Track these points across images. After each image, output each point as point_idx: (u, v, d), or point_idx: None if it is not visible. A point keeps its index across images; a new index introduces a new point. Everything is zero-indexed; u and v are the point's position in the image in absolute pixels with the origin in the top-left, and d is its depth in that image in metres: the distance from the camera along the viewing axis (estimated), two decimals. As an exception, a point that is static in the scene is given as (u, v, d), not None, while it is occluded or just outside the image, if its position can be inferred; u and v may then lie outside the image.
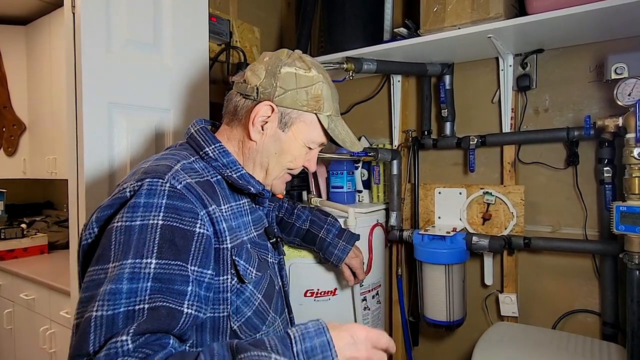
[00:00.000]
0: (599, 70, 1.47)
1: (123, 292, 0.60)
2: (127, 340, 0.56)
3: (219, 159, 0.82)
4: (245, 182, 0.83)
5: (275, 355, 0.59)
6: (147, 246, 0.64)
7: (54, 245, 2.56)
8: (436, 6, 1.47)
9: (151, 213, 0.67)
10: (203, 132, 0.85)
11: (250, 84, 0.84)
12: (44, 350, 1.99)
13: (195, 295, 0.66)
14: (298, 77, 0.83)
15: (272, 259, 0.90)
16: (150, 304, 0.61)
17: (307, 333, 0.63)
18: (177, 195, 0.70)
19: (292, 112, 0.84)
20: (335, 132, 0.88)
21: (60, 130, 2.32)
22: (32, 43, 2.56)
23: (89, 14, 1.20)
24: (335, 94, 0.90)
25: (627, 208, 1.20)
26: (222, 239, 0.75)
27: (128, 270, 0.62)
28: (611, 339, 1.42)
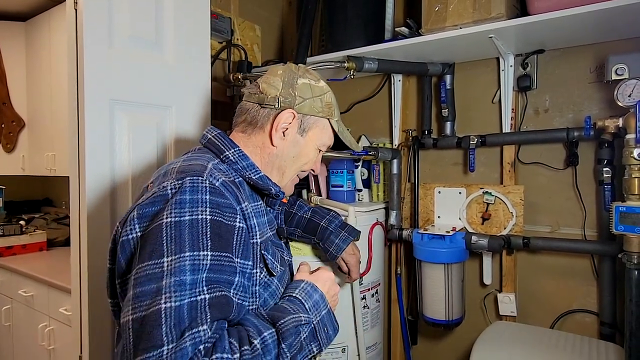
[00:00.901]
0: (599, 71, 1.47)
1: (187, 284, 0.64)
2: (206, 329, 0.63)
3: (239, 162, 0.87)
4: (265, 183, 0.88)
5: (300, 314, 0.77)
6: (201, 240, 0.68)
7: (53, 243, 2.55)
8: (438, 6, 1.48)
9: (198, 208, 0.70)
10: (221, 137, 0.90)
11: (269, 94, 0.91)
12: (43, 347, 1.99)
13: (241, 285, 0.73)
14: (312, 88, 0.93)
15: (287, 257, 0.95)
16: (210, 294, 0.66)
17: (307, 292, 0.84)
18: (217, 192, 0.73)
19: (310, 119, 0.93)
20: (343, 134, 0.98)
21: (60, 127, 2.32)
22: (31, 39, 2.55)
23: (91, 11, 1.20)
24: (337, 102, 1.00)
25: (627, 208, 1.21)
26: (253, 233, 0.79)
27: (189, 262, 0.65)
28: (609, 338, 1.43)
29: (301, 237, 1.28)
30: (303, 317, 0.77)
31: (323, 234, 1.24)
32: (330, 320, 0.84)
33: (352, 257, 1.26)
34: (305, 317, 0.77)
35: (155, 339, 0.60)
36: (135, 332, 0.61)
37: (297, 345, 0.73)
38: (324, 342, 0.80)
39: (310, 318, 0.79)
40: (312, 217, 1.26)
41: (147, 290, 0.64)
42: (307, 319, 0.77)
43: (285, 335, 0.71)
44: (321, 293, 0.85)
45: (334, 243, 1.23)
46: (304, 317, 0.77)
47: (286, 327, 0.72)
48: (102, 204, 1.25)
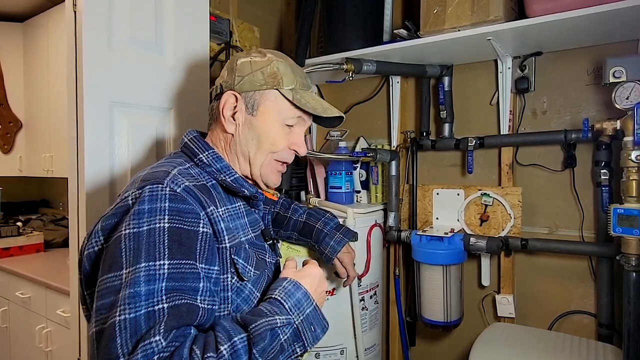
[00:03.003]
0: (596, 74, 1.48)
1: (142, 295, 0.63)
2: (160, 340, 0.61)
3: (213, 165, 0.86)
4: (239, 185, 0.86)
5: (277, 316, 0.72)
6: (157, 249, 0.67)
7: (50, 244, 2.54)
8: (436, 8, 1.48)
9: (156, 217, 0.69)
10: (196, 140, 0.89)
11: (216, 86, 0.91)
12: (40, 349, 1.98)
13: (207, 290, 0.71)
14: (253, 63, 0.88)
15: (269, 259, 0.91)
16: (169, 303, 0.64)
17: (288, 292, 0.78)
18: (178, 198, 0.72)
19: (254, 94, 0.87)
20: (302, 101, 0.87)
21: (57, 128, 2.31)
22: (29, 40, 2.54)
23: (91, 12, 1.19)
24: (299, 71, 0.91)
25: (625, 210, 1.21)
26: (221, 238, 0.78)
27: (144, 273, 0.65)
28: (607, 340, 1.43)
29: (298, 240, 1.27)
30: (280, 319, 0.71)
31: (318, 236, 1.22)
32: (317, 318, 0.79)
33: (347, 255, 1.24)
34: (284, 319, 0.72)
35: (111, 352, 0.60)
36: (95, 346, 0.63)
37: (275, 349, 0.70)
38: (310, 341, 0.76)
39: (290, 319, 0.74)
40: (307, 219, 1.24)
41: (106, 303, 0.64)
42: (286, 320, 0.73)
43: (257, 339, 0.67)
44: (305, 291, 0.79)
45: (329, 245, 1.21)
46: (281, 319, 0.72)
47: (258, 331, 0.67)
48: (101, 206, 1.25)
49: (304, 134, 0.93)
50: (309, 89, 0.93)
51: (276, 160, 0.91)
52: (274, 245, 0.98)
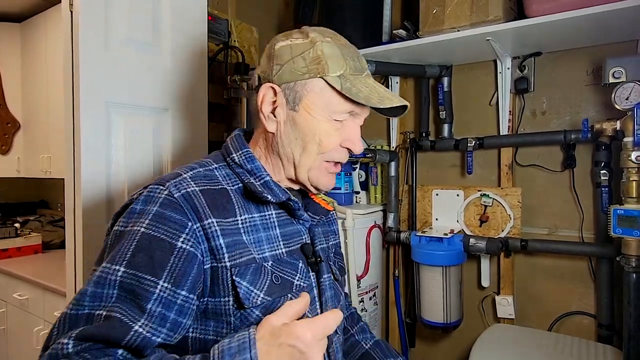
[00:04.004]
0: (596, 74, 1.48)
1: (87, 295, 0.60)
2: (68, 343, 0.56)
3: (244, 165, 0.75)
4: (264, 190, 0.73)
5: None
6: (121, 252, 0.62)
7: (48, 245, 2.53)
8: (435, 8, 1.48)
9: (140, 220, 0.65)
10: (236, 138, 0.80)
11: (253, 77, 0.79)
12: (38, 350, 1.96)
13: (155, 315, 0.60)
14: (293, 47, 0.73)
15: (300, 281, 0.74)
16: (108, 312, 0.59)
17: (228, 349, 0.55)
18: (170, 204, 0.66)
19: (295, 85, 0.73)
20: (352, 90, 0.71)
21: (55, 128, 2.30)
22: (27, 41, 2.54)
23: (87, 12, 1.19)
24: (350, 51, 0.75)
25: (625, 211, 1.21)
26: (220, 256, 0.66)
27: (97, 274, 0.61)
28: (607, 341, 1.43)
29: None
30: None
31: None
32: None
33: None
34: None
35: (47, 340, 0.60)
36: None
37: None
38: None
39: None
40: (371, 349, 0.95)
41: None
42: None
43: None
44: (252, 358, 0.53)
45: None
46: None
47: None
48: (98, 207, 1.24)
49: (359, 128, 0.77)
50: (363, 73, 0.75)
51: (327, 161, 0.76)
52: (317, 264, 0.79)
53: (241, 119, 1.82)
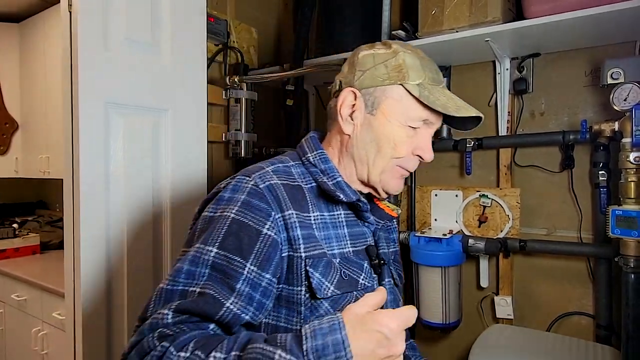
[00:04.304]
0: (594, 75, 1.48)
1: (182, 272, 0.66)
2: (167, 314, 0.61)
3: (318, 165, 0.80)
4: (337, 189, 0.77)
5: (280, 351, 0.54)
6: (213, 235, 0.68)
7: (47, 246, 2.52)
8: (434, 9, 1.48)
9: (229, 206, 0.71)
10: (311, 139, 0.85)
11: (334, 82, 0.85)
12: (36, 352, 1.96)
13: (244, 295, 0.66)
14: (375, 56, 0.78)
15: (365, 280, 0.77)
16: (201, 289, 0.64)
17: (319, 329, 0.56)
18: (256, 194, 0.71)
19: (375, 91, 0.77)
20: (430, 98, 0.74)
21: (54, 129, 2.30)
22: (25, 41, 2.53)
23: (86, 13, 1.19)
24: (429, 64, 0.79)
25: (623, 212, 1.21)
26: (296, 246, 0.71)
27: (192, 253, 0.67)
28: (605, 341, 1.43)
29: None
30: (278, 353, 0.54)
31: None
32: None
33: None
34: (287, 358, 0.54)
35: (143, 312, 0.65)
36: None
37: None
38: None
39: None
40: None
41: None
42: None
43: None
44: (342, 338, 0.55)
45: None
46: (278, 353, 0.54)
47: (249, 355, 0.55)
48: (97, 207, 1.24)
49: (430, 137, 0.80)
50: (440, 85, 0.79)
51: (399, 166, 0.79)
52: (380, 267, 0.81)
53: (241, 120, 1.82)
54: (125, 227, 1.31)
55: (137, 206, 1.34)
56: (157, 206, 1.40)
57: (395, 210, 0.87)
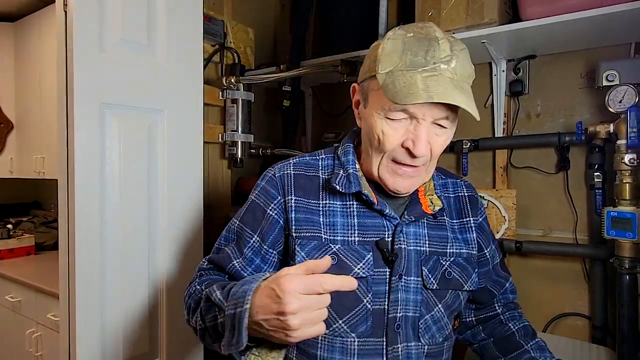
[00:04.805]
0: (589, 77, 1.49)
1: (222, 237, 0.90)
2: (204, 262, 0.88)
3: (341, 157, 0.86)
4: (338, 181, 0.80)
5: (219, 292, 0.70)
6: (240, 211, 0.88)
7: (41, 246, 2.51)
8: (431, 11, 1.48)
9: (255, 191, 0.88)
10: (349, 134, 0.91)
11: None
12: (30, 353, 1.95)
13: (247, 258, 0.83)
14: (372, 48, 0.78)
15: (361, 271, 0.78)
16: (225, 248, 0.86)
17: (245, 280, 0.67)
18: (271, 181, 0.86)
19: (364, 84, 0.79)
20: (389, 86, 0.69)
21: (49, 129, 2.29)
22: (20, 40, 2.52)
23: (82, 12, 1.18)
24: (417, 45, 0.70)
25: (618, 213, 1.22)
26: (290, 226, 0.81)
27: (229, 223, 0.90)
28: (601, 342, 1.43)
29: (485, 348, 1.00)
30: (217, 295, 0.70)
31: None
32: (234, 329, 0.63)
33: None
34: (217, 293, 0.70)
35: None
36: None
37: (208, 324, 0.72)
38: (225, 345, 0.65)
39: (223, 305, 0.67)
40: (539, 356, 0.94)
41: None
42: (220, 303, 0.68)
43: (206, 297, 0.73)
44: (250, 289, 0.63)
45: None
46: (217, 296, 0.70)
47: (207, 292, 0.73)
48: (92, 208, 1.23)
49: (424, 129, 0.72)
50: (422, 67, 0.69)
51: (394, 161, 0.76)
52: (391, 262, 0.79)
53: (237, 121, 1.82)
54: (120, 228, 1.31)
55: (132, 207, 1.33)
56: (152, 207, 1.39)
57: (431, 207, 0.83)
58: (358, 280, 0.72)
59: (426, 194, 0.85)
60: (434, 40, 0.71)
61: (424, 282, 0.81)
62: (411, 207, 0.83)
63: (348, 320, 0.78)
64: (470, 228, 0.90)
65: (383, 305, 0.79)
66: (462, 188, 0.95)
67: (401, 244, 0.81)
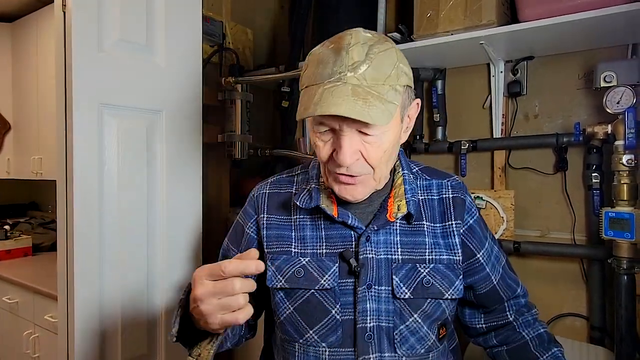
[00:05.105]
0: (587, 78, 1.49)
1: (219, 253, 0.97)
2: None
3: (310, 172, 0.88)
4: (300, 196, 0.82)
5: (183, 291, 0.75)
6: (229, 230, 0.96)
7: (39, 248, 2.50)
8: (429, 12, 1.49)
9: (241, 211, 0.94)
10: None
11: None
12: (28, 355, 1.94)
13: None
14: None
15: (327, 282, 0.78)
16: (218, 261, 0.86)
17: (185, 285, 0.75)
18: (249, 201, 0.91)
19: None
20: (299, 103, 0.71)
21: (46, 130, 2.28)
22: (18, 41, 2.51)
23: (80, 13, 1.18)
24: (331, 56, 0.70)
25: (616, 214, 1.22)
26: (263, 242, 0.85)
27: None
28: (599, 342, 1.44)
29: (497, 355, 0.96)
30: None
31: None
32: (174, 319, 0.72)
33: None
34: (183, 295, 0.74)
35: None
36: None
37: None
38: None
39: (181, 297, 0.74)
40: None
41: None
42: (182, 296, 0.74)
43: None
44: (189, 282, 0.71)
45: None
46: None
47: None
48: (91, 209, 1.23)
49: (347, 140, 0.70)
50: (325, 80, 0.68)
51: (336, 172, 0.74)
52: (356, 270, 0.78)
53: (236, 121, 1.82)
54: (118, 229, 1.30)
55: (130, 208, 1.33)
56: (151, 208, 1.39)
57: (394, 214, 0.79)
58: (324, 292, 0.78)
59: (395, 199, 0.82)
60: (343, 49, 0.69)
61: (394, 291, 0.79)
62: (378, 214, 0.81)
63: (318, 330, 0.79)
64: (452, 232, 0.84)
65: (352, 316, 0.79)
66: (447, 189, 0.88)
67: (367, 254, 0.79)
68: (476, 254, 0.87)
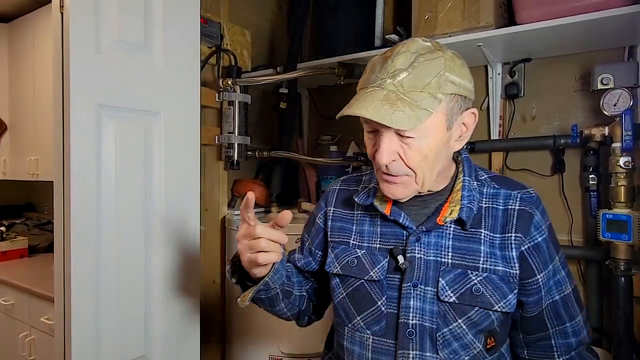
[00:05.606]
0: (584, 80, 1.50)
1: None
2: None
3: (372, 172, 0.92)
4: (360, 195, 0.90)
5: None
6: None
7: (35, 249, 2.48)
8: (428, 14, 1.49)
9: None
10: None
11: None
12: (23, 357, 1.93)
13: (303, 257, 1.00)
14: None
15: (375, 274, 0.83)
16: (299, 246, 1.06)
17: None
18: (323, 195, 1.01)
19: None
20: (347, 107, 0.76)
21: (43, 130, 2.27)
22: (14, 41, 2.50)
23: (78, 14, 1.17)
24: (380, 64, 0.75)
25: (613, 216, 1.23)
26: (329, 232, 0.95)
27: None
28: (596, 344, 1.44)
29: None
30: None
31: None
32: None
33: None
34: None
35: None
36: None
37: None
38: None
39: None
40: None
41: None
42: None
43: None
44: None
45: None
46: None
47: None
48: (88, 210, 1.22)
49: (385, 140, 0.74)
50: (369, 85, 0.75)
51: (380, 170, 0.79)
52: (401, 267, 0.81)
53: (234, 123, 1.81)
54: (116, 230, 1.30)
55: (128, 209, 1.33)
56: (149, 209, 1.38)
57: (444, 218, 0.80)
58: (372, 283, 0.85)
59: (451, 204, 0.82)
60: (391, 57, 0.74)
61: (438, 293, 0.79)
62: (431, 217, 0.83)
63: (364, 318, 0.85)
64: (510, 245, 0.80)
65: (395, 310, 0.82)
66: (514, 201, 0.83)
67: (415, 253, 0.81)
68: (536, 275, 0.81)
